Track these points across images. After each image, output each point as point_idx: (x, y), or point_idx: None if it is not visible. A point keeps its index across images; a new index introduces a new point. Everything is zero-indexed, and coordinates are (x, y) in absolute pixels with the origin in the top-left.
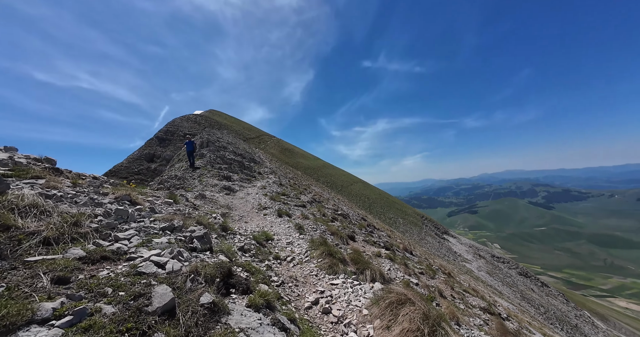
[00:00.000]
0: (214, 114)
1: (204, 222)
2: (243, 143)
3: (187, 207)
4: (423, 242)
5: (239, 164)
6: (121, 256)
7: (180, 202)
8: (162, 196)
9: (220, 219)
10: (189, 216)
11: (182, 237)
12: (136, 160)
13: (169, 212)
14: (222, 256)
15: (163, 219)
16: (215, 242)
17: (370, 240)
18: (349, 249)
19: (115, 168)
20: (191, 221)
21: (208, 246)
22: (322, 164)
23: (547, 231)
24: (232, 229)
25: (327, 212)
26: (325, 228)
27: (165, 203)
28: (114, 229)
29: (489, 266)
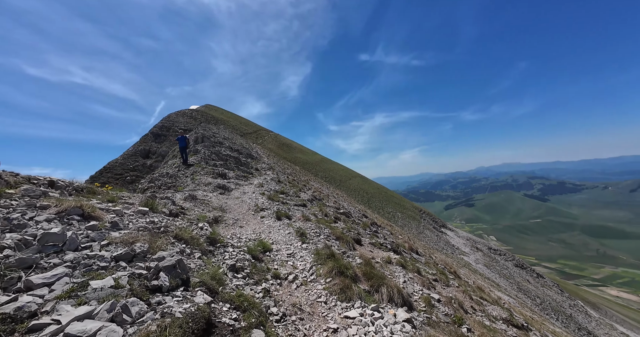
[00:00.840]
0: (210, 108)
1: (185, 237)
2: (240, 138)
3: (165, 217)
4: (422, 236)
5: (235, 160)
6: (19, 325)
7: (158, 209)
8: (136, 202)
9: (208, 230)
10: (165, 230)
11: (142, 271)
12: (131, 157)
13: (138, 226)
14: (201, 294)
15: (122, 241)
16: (196, 266)
17: (377, 242)
18: (357, 258)
19: (110, 164)
20: (165, 238)
21: (182, 279)
22: (320, 159)
23: (542, 222)
24: (223, 240)
25: (329, 211)
26: (330, 231)
27: (138, 213)
28: (32, 267)
29: (486, 259)
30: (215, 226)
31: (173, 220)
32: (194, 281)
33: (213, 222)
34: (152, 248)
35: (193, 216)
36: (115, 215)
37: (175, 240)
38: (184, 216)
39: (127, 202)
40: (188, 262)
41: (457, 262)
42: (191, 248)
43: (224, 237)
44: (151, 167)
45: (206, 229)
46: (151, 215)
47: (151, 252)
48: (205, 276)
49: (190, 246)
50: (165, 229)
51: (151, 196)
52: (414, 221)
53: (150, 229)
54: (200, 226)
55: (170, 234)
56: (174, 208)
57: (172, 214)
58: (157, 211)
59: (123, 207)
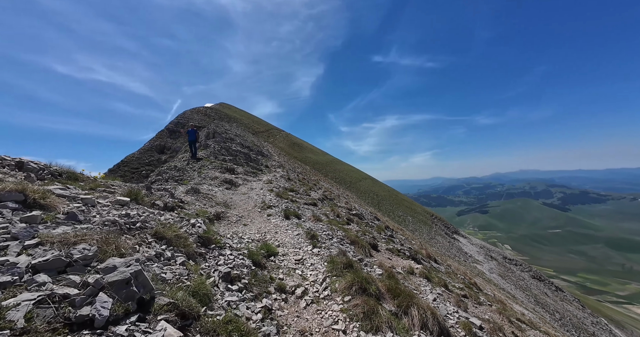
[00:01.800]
0: (224, 107)
1: (168, 236)
2: (252, 136)
3: (148, 209)
4: (433, 242)
5: (245, 156)
6: None
7: (144, 201)
8: (120, 191)
9: (202, 227)
10: (142, 226)
11: (69, 291)
12: (147, 152)
13: (104, 220)
14: (164, 326)
15: (62, 240)
16: (174, 276)
17: (394, 248)
18: (377, 267)
19: (127, 159)
20: (137, 238)
21: (140, 300)
22: (330, 159)
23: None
24: (219, 241)
25: (341, 212)
26: (343, 234)
27: (115, 203)
28: None
29: (501, 268)
30: (217, 223)
31: (159, 214)
32: (160, 302)
33: (214, 218)
34: (103, 252)
35: (192, 211)
36: (82, 204)
37: (154, 239)
38: (180, 210)
39: (108, 191)
40: (163, 270)
41: (471, 271)
42: (174, 250)
43: (223, 237)
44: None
45: (199, 226)
46: (132, 206)
47: (99, 258)
48: (182, 292)
49: (173, 248)
50: (143, 224)
51: (146, 187)
52: (425, 226)
53: (120, 224)
54: (192, 222)
55: (148, 231)
56: (170, 201)
57: (167, 207)
58: (142, 203)
59: (99, 195)
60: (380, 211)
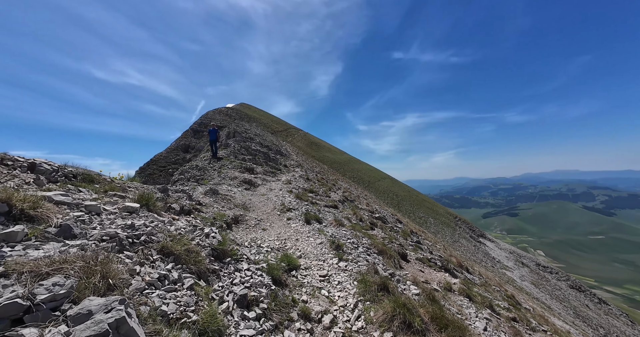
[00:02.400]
0: (245, 107)
1: (177, 251)
2: (270, 135)
3: (157, 218)
4: (457, 245)
5: (264, 156)
6: None
7: (157, 206)
8: (130, 196)
9: (216, 237)
10: (147, 239)
11: None
12: (173, 151)
13: (103, 234)
14: None
15: (33, 269)
16: (178, 305)
17: (424, 257)
18: (411, 284)
19: (156, 157)
20: (139, 256)
21: None
22: (348, 159)
23: (606, 240)
24: (236, 252)
25: (364, 215)
26: (369, 243)
27: (123, 210)
28: None
29: (534, 276)
30: (235, 227)
31: (169, 222)
32: None
33: (232, 222)
34: (82, 288)
35: (209, 214)
36: (84, 213)
37: (160, 256)
38: (198, 213)
39: (120, 195)
40: (166, 300)
41: (500, 278)
42: (182, 270)
43: (240, 246)
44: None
45: (214, 236)
46: (141, 214)
47: (75, 296)
48: (185, 333)
49: (182, 266)
50: (149, 238)
51: (162, 189)
52: (448, 228)
53: (121, 238)
54: (206, 231)
55: (154, 246)
56: (187, 204)
57: (184, 211)
58: (154, 208)
59: (109, 201)
60: (400, 212)
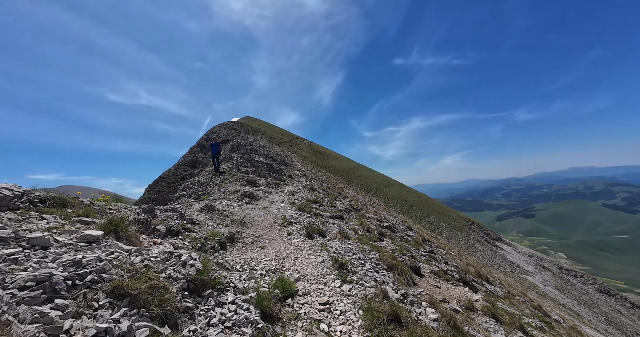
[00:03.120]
0: (249, 120)
1: (135, 290)
2: (275, 147)
3: (121, 248)
4: (472, 250)
5: (268, 167)
6: None
7: (128, 230)
8: (98, 222)
9: (196, 265)
10: (95, 279)
11: None
12: (181, 167)
13: (29, 279)
14: None
15: None
16: None
17: (440, 269)
18: (427, 307)
19: (164, 174)
20: (78, 302)
21: None
22: (354, 166)
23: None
24: (220, 281)
25: (372, 225)
26: (378, 257)
27: (81, 239)
28: None
29: (558, 280)
30: (230, 246)
31: (137, 253)
32: None
33: (226, 240)
34: None
35: (201, 234)
36: (22, 248)
37: (110, 299)
38: (188, 233)
39: (84, 221)
40: None
41: (521, 284)
42: (138, 315)
43: (230, 270)
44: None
45: (192, 263)
46: (101, 244)
47: None
48: None
49: (139, 311)
50: (99, 275)
51: (148, 209)
52: (461, 233)
53: (54, 282)
54: (183, 258)
55: (104, 286)
56: (175, 224)
57: (171, 232)
58: (124, 234)
59: (70, 228)
60: (411, 217)
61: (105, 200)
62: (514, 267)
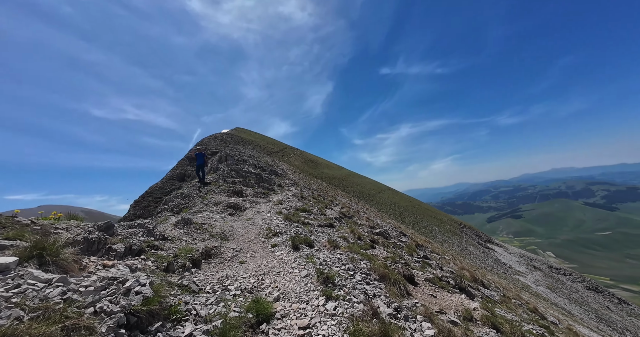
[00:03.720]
0: (240, 131)
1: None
2: (266, 157)
3: (45, 276)
4: (465, 253)
5: (257, 177)
6: None
7: (59, 255)
8: (22, 245)
9: (144, 292)
10: None
11: None
12: (169, 181)
13: None
14: None
15: None
16: None
17: (435, 276)
18: (423, 321)
19: (151, 189)
20: None
21: None
22: (347, 173)
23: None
24: (176, 308)
25: (363, 232)
26: (369, 266)
27: None
28: None
29: (549, 280)
30: (205, 264)
31: (57, 283)
32: None
33: (201, 257)
34: None
35: (170, 252)
36: None
37: None
38: (154, 252)
39: (2, 245)
40: None
41: (514, 285)
42: None
43: (196, 293)
44: None
45: (139, 289)
46: (15, 272)
47: None
48: None
49: None
50: None
51: (104, 226)
52: (454, 236)
53: None
54: (127, 285)
55: None
56: (138, 242)
57: (132, 252)
58: (50, 258)
59: None
60: (404, 223)
61: (57, 218)
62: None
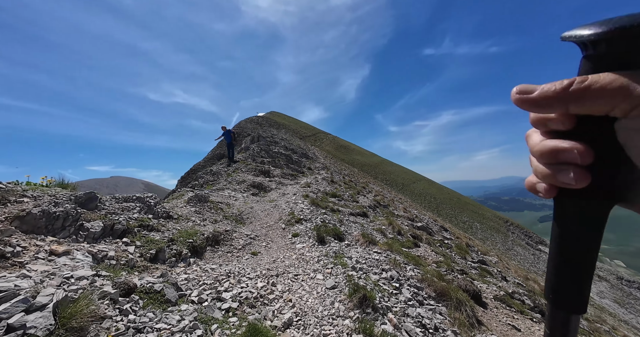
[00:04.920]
0: (274, 115)
1: None
2: (298, 140)
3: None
4: (511, 254)
5: (286, 158)
6: None
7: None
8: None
9: (37, 323)
10: None
11: None
12: (210, 160)
13: None
14: None
15: None
16: None
17: (504, 291)
18: None
19: (195, 167)
20: None
21: None
22: (379, 161)
23: None
24: None
25: (403, 225)
26: (419, 275)
27: None
28: None
29: (617, 292)
30: (210, 252)
31: None
32: None
33: (206, 244)
34: None
35: (167, 234)
36: None
37: None
38: (146, 233)
39: None
40: None
41: None
42: None
43: (174, 303)
44: None
45: (15, 324)
46: None
47: None
48: None
49: None
50: None
51: (86, 198)
52: (498, 234)
53: None
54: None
55: None
56: (124, 220)
57: (113, 233)
58: None
59: None
60: (440, 216)
61: (47, 184)
62: None
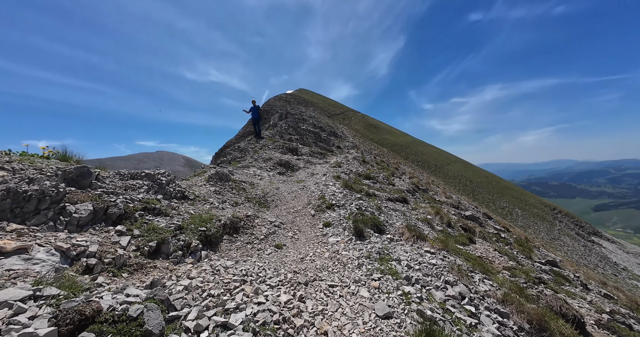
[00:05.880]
0: (303, 92)
1: None
2: (327, 118)
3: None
4: (557, 244)
5: (315, 136)
6: None
7: None
8: None
9: None
10: None
11: None
12: (241, 137)
13: None
14: None
15: None
16: None
17: (603, 314)
18: None
19: (227, 144)
20: None
21: None
22: (411, 141)
23: None
24: None
25: (450, 214)
26: (497, 293)
27: None
28: None
29: None
30: (227, 242)
31: None
32: None
33: (222, 232)
34: None
35: (176, 220)
36: None
37: None
38: (149, 219)
39: None
40: None
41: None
42: None
43: (157, 334)
44: None
45: None
46: None
47: None
48: None
49: None
50: None
51: (78, 172)
52: (542, 222)
53: None
54: None
55: None
56: (121, 203)
57: (108, 217)
58: None
59: None
60: (477, 200)
61: (47, 156)
62: (618, 270)
